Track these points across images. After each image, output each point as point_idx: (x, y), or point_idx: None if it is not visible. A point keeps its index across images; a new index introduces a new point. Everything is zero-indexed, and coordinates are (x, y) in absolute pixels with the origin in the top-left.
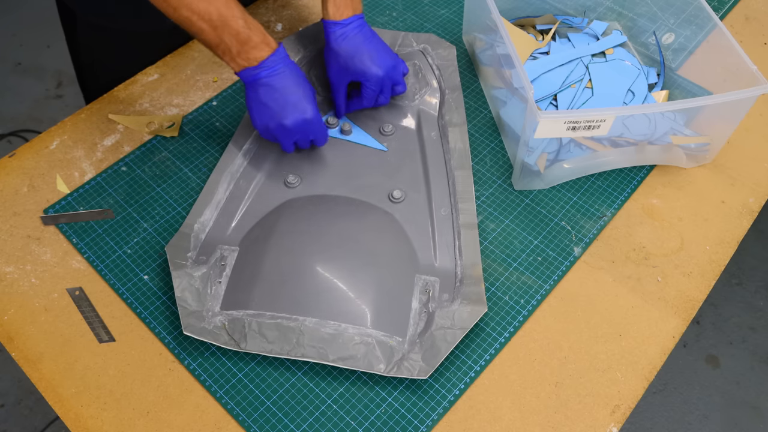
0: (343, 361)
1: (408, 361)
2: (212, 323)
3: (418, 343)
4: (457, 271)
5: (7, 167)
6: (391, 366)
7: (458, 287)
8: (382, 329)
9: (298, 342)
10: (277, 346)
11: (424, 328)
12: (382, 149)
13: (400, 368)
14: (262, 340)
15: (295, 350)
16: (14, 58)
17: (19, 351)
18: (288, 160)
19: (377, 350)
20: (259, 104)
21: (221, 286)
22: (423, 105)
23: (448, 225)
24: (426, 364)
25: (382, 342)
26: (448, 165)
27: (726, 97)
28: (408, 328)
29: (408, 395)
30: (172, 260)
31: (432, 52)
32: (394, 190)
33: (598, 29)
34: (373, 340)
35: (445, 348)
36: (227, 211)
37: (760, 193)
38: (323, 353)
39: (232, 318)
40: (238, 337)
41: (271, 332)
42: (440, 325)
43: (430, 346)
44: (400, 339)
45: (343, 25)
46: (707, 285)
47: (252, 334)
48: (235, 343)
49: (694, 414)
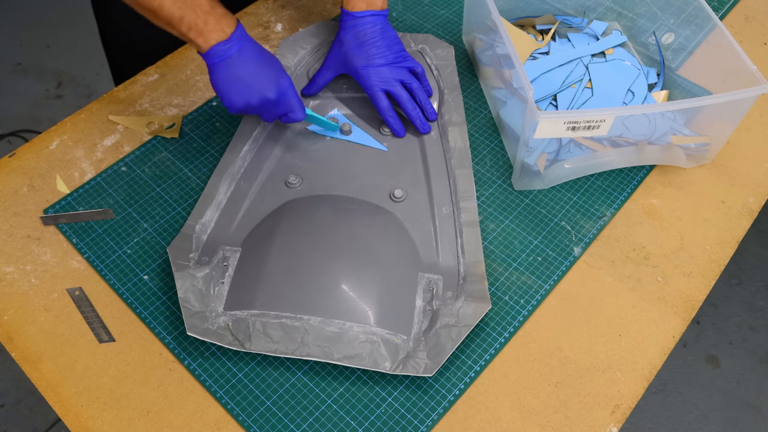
0: (348, 359)
1: (413, 359)
2: (216, 324)
3: (423, 340)
4: (460, 269)
5: (7, 167)
6: (396, 364)
7: (462, 285)
8: (387, 327)
9: (302, 341)
10: (282, 346)
11: (429, 325)
12: (382, 149)
13: (405, 366)
14: (267, 340)
15: (300, 349)
16: (14, 58)
17: (19, 351)
18: (289, 160)
19: (382, 348)
20: (234, 81)
21: (224, 286)
22: None
23: (449, 223)
24: (431, 362)
25: (387, 340)
26: (449, 164)
27: (726, 97)
28: (412, 326)
29: (408, 395)
30: (174, 261)
31: (430, 52)
32: (395, 189)
33: (597, 29)
34: (378, 339)
35: (450, 345)
36: (228, 212)
37: (760, 193)
38: (328, 352)
39: (236, 318)
40: (242, 337)
41: (275, 332)
42: (444, 322)
43: (435, 344)
44: (405, 337)
45: (354, 17)
46: (707, 285)
47: (256, 334)
48: (239, 344)
49: (694, 414)
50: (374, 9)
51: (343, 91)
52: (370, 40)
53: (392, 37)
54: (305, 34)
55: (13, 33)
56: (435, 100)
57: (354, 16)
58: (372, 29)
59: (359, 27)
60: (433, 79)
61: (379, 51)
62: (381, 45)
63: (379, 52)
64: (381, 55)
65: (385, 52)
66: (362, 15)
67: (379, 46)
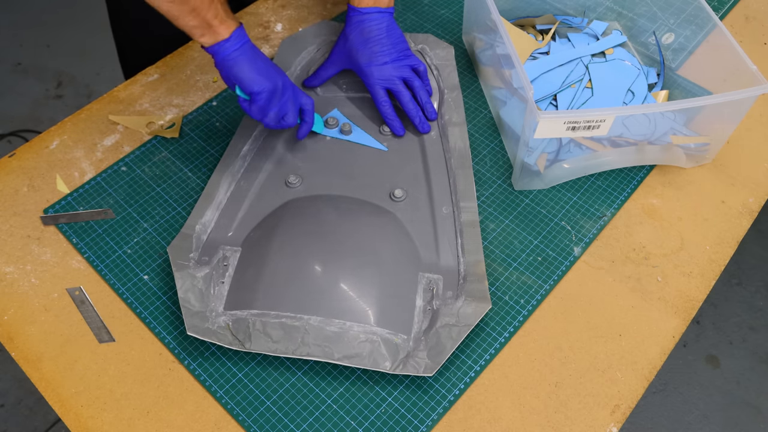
0: (348, 359)
1: (414, 358)
2: (216, 323)
3: (423, 340)
4: (460, 269)
5: (7, 167)
6: (396, 363)
7: (462, 284)
8: (387, 327)
9: (303, 341)
10: (282, 346)
11: (429, 325)
12: (382, 149)
13: (405, 366)
14: (267, 340)
15: (300, 349)
16: (14, 58)
17: (19, 351)
18: (289, 160)
19: (382, 348)
20: (259, 62)
21: (224, 286)
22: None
23: (449, 223)
24: (431, 362)
25: (387, 340)
26: (449, 164)
27: (726, 97)
28: (413, 325)
29: (408, 395)
30: (174, 261)
31: (430, 52)
32: (395, 189)
33: (597, 29)
34: (378, 338)
35: (450, 345)
36: (228, 212)
37: (760, 193)
38: (328, 352)
39: (236, 318)
40: (242, 337)
41: (275, 331)
42: (445, 322)
43: (435, 344)
44: (405, 337)
45: (360, 13)
46: (707, 285)
47: (256, 334)
48: (239, 343)
49: (694, 414)
50: (380, 6)
51: (344, 90)
52: (375, 37)
53: (397, 35)
54: (305, 33)
55: (13, 33)
56: (435, 99)
57: (360, 12)
58: (378, 26)
59: (365, 23)
60: (433, 79)
61: (384, 48)
62: (386, 42)
63: (384, 49)
64: (385, 53)
65: (389, 50)
66: (368, 11)
67: (384, 44)
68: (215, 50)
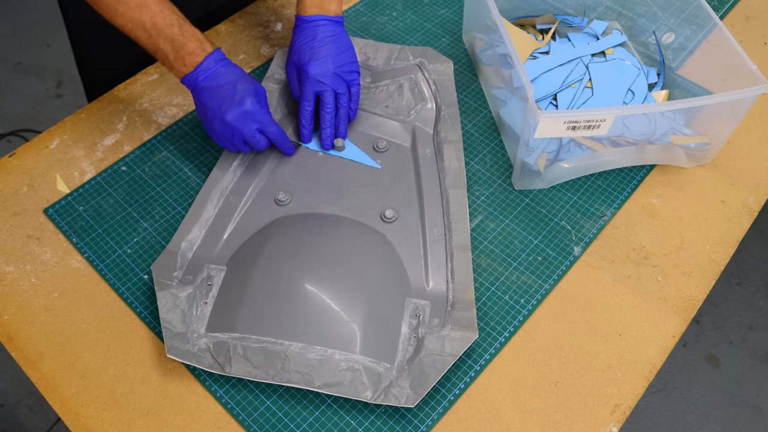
0: (328, 387)
1: (395, 388)
2: (197, 345)
3: (407, 369)
4: (448, 295)
5: (7, 167)
6: (378, 393)
7: (449, 312)
8: (370, 355)
9: (283, 367)
10: (262, 371)
11: (413, 354)
12: (375, 166)
13: (387, 396)
14: (247, 364)
15: (281, 375)
16: (14, 57)
17: (19, 351)
18: (279, 176)
19: (364, 377)
20: (202, 108)
21: (207, 306)
22: (418, 121)
23: (440, 246)
24: (414, 392)
25: (369, 368)
26: (443, 183)
27: (726, 97)
28: (397, 353)
29: None
30: (157, 280)
31: (428, 66)
32: (387, 209)
33: (598, 29)
34: (360, 367)
35: (434, 376)
36: (216, 229)
37: (760, 192)
38: (309, 379)
39: (217, 341)
40: (222, 360)
41: (256, 356)
42: (429, 351)
43: (418, 374)
44: (388, 365)
45: (306, 21)
46: (707, 284)
47: (237, 358)
48: (219, 367)
49: (694, 414)
50: (327, 14)
51: None
52: (319, 43)
53: (345, 44)
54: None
55: (13, 33)
56: (432, 115)
57: (306, 20)
58: (322, 32)
59: (310, 30)
60: (430, 95)
61: (329, 53)
62: (331, 48)
63: (328, 53)
64: (329, 57)
65: (333, 57)
66: (314, 19)
67: (329, 49)
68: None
